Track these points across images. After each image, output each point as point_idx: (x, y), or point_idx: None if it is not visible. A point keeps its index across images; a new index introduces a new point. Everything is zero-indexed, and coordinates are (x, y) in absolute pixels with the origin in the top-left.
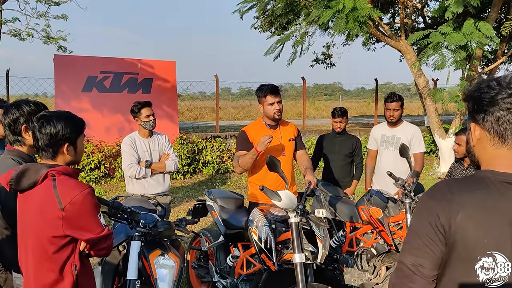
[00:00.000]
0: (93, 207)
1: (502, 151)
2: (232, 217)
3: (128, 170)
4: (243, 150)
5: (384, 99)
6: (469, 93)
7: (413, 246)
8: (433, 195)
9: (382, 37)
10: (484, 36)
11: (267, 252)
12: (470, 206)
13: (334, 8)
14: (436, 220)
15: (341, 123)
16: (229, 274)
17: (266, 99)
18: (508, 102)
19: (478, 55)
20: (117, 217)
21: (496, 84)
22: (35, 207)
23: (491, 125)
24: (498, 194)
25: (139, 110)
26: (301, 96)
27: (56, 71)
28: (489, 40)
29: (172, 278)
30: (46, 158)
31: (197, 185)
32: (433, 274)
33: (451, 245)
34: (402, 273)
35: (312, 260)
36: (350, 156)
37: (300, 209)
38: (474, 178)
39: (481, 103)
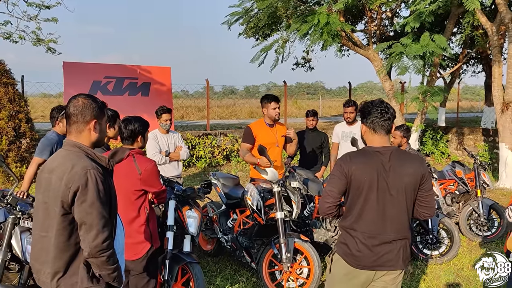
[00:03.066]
0: (157, 173)
1: (374, 137)
2: (231, 190)
3: (153, 158)
4: (247, 143)
5: (343, 104)
6: (360, 108)
7: (330, 181)
8: (342, 158)
9: (352, 47)
10: (438, 47)
11: (258, 212)
12: (358, 162)
13: (310, 23)
14: (342, 169)
15: (313, 121)
16: (230, 232)
17: (271, 104)
18: (375, 113)
19: (436, 62)
20: None
21: (371, 105)
22: (123, 173)
23: (369, 124)
24: (371, 157)
25: (161, 114)
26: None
27: (65, 76)
28: (442, 50)
29: (197, 224)
30: (127, 144)
31: (191, 176)
32: (339, 196)
33: (349, 182)
34: (324, 194)
35: (289, 217)
36: (319, 148)
37: (281, 182)
38: (362, 150)
39: (365, 113)
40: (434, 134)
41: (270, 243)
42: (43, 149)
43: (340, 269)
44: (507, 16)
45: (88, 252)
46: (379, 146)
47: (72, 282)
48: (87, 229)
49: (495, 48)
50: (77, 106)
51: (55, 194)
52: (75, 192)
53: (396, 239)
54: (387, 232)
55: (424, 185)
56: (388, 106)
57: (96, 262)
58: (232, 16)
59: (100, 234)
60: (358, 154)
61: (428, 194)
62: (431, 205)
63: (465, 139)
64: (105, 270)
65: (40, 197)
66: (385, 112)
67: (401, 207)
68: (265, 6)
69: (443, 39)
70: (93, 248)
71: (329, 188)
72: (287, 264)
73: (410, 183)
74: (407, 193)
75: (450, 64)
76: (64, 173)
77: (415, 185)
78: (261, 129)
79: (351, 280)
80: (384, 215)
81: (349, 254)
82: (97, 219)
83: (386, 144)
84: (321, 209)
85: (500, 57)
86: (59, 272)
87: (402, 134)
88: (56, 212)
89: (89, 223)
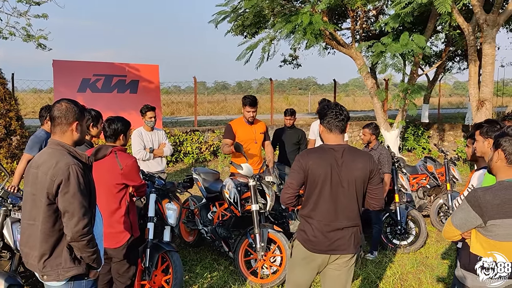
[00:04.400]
0: (137, 168)
1: (330, 135)
2: (211, 185)
3: (137, 154)
4: (228, 138)
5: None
6: (318, 110)
7: (291, 175)
8: (300, 154)
9: (336, 46)
10: (417, 46)
11: (234, 204)
12: (314, 158)
13: (294, 23)
14: (301, 164)
15: (291, 120)
16: (210, 223)
17: (245, 108)
18: (330, 114)
19: (416, 61)
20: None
21: (327, 107)
22: (106, 168)
23: (325, 124)
24: (326, 153)
25: (145, 112)
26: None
27: (55, 74)
28: (421, 49)
29: (176, 216)
30: (110, 142)
31: (179, 172)
32: (297, 188)
33: (307, 175)
34: (285, 186)
35: (263, 209)
36: (297, 144)
37: (256, 177)
38: (319, 147)
39: (322, 115)
40: (415, 130)
41: (246, 233)
42: (32, 146)
43: (299, 253)
44: (482, 17)
45: (71, 237)
46: (334, 143)
47: (57, 263)
48: (69, 216)
49: (471, 47)
50: (60, 109)
51: (41, 187)
52: (59, 184)
53: (347, 226)
54: (339, 220)
55: (373, 179)
56: (343, 108)
57: (78, 245)
58: (219, 15)
59: (81, 221)
60: (315, 151)
61: (377, 187)
62: (380, 197)
63: (446, 135)
64: (86, 252)
65: (28, 189)
66: (339, 113)
67: (352, 198)
68: (251, 5)
69: (422, 39)
70: (75, 233)
71: (289, 181)
72: (261, 252)
73: (359, 176)
74: (357, 186)
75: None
76: (49, 168)
77: (365, 179)
78: (240, 126)
79: (309, 263)
80: (337, 205)
81: (306, 239)
82: (78, 208)
83: (340, 142)
84: (282, 199)
85: (476, 56)
86: (45, 255)
87: (371, 131)
88: (42, 203)
89: (71, 211)
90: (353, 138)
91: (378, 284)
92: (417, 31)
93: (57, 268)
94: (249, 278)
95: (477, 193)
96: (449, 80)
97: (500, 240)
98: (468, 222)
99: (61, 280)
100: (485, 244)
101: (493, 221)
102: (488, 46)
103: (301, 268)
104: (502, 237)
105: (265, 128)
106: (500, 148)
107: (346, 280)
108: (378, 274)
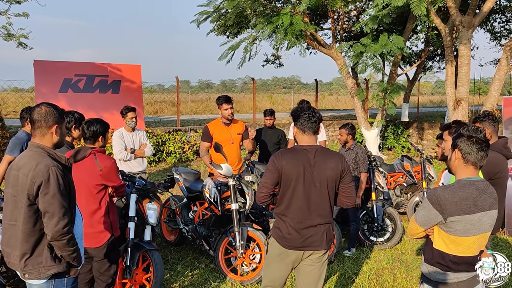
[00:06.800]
0: (116, 169)
1: (303, 137)
2: (192, 185)
3: (119, 155)
4: (205, 141)
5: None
6: (292, 112)
7: (265, 175)
8: (275, 155)
9: (317, 46)
10: (396, 46)
11: (215, 203)
12: (288, 158)
13: (275, 23)
14: (275, 164)
15: (270, 120)
16: (190, 222)
17: (222, 106)
18: (303, 116)
19: (395, 61)
20: (124, 179)
21: (300, 109)
22: (85, 170)
23: (299, 126)
24: (299, 153)
25: (126, 113)
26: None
27: (36, 75)
28: (400, 50)
29: (156, 215)
30: (89, 143)
31: (162, 171)
32: (272, 187)
33: (281, 175)
34: (260, 185)
35: (243, 208)
36: (277, 144)
37: (236, 176)
38: (292, 148)
39: (295, 117)
40: (395, 129)
41: (226, 232)
42: (13, 147)
43: (275, 250)
44: (458, 19)
45: (51, 236)
46: (307, 144)
47: (38, 261)
48: (49, 216)
49: (448, 48)
50: (40, 113)
51: (22, 188)
52: (39, 186)
53: (320, 223)
54: (312, 218)
55: (345, 178)
56: (315, 110)
57: (58, 244)
58: (201, 15)
59: (61, 221)
60: (288, 151)
61: (348, 186)
62: (351, 195)
63: (425, 134)
64: (66, 251)
65: (9, 191)
66: (312, 116)
67: (324, 196)
68: (233, 5)
69: (400, 40)
70: (55, 232)
71: (264, 180)
72: (241, 250)
73: (331, 176)
74: (329, 185)
75: (416, 60)
76: (30, 170)
77: (336, 178)
78: (217, 128)
79: (284, 259)
80: (310, 203)
81: (281, 236)
82: (58, 208)
83: (313, 143)
84: (257, 198)
85: (453, 57)
86: (27, 254)
87: (347, 132)
88: (23, 203)
89: (51, 212)
90: (334, 137)
91: (354, 279)
92: (397, 31)
93: (38, 266)
94: (229, 276)
95: (437, 192)
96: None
97: (460, 236)
98: (430, 220)
99: (42, 278)
100: (447, 239)
101: (452, 217)
102: (464, 47)
103: (277, 264)
104: (461, 233)
105: (243, 128)
106: (457, 148)
107: (319, 275)
108: (354, 270)
